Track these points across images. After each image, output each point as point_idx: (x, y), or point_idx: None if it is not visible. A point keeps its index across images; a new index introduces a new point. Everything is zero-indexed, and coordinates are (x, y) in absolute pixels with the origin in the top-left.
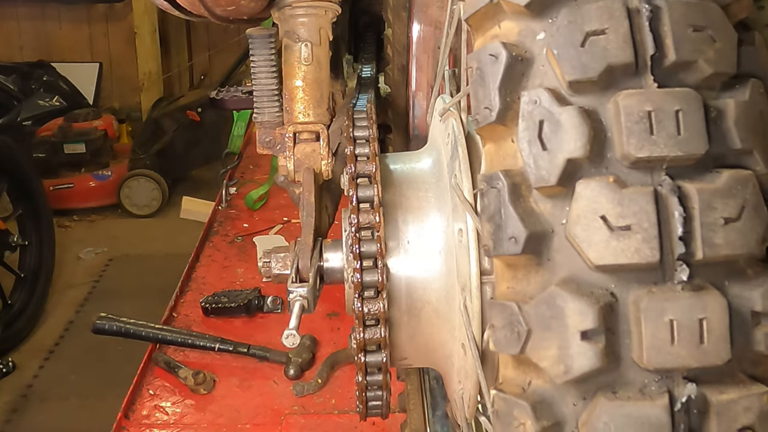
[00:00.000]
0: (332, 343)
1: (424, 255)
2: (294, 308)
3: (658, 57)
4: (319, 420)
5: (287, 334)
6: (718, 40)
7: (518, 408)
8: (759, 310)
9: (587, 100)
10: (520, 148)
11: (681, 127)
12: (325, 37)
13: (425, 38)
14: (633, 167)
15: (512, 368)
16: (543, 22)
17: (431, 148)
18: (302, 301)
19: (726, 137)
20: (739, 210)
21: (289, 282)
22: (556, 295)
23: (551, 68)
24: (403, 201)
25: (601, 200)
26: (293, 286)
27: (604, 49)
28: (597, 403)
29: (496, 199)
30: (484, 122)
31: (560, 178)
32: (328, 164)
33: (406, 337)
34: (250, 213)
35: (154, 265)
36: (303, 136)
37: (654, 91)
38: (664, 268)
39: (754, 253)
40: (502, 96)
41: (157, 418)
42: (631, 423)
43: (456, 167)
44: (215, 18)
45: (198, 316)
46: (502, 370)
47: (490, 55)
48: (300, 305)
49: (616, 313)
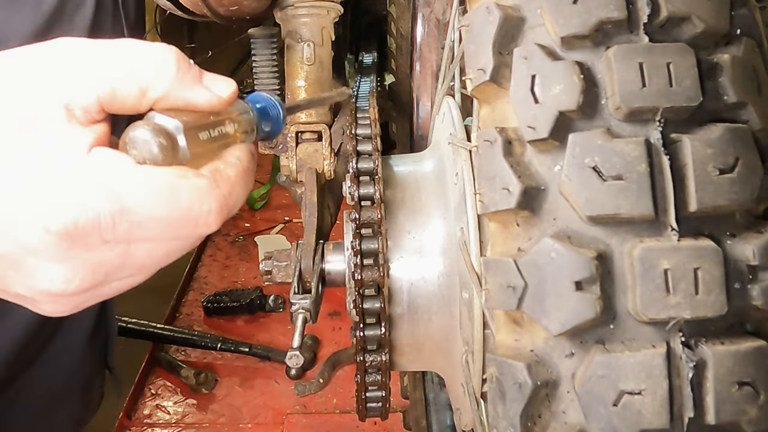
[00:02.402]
0: (334, 342)
1: (425, 255)
2: (297, 322)
3: (651, 13)
4: (321, 419)
5: (290, 355)
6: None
7: (513, 369)
8: (755, 264)
9: (579, 54)
10: (512, 102)
11: (673, 80)
12: (327, 37)
13: (429, 37)
14: (625, 120)
15: (506, 331)
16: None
17: (434, 149)
18: (305, 314)
19: (720, 91)
20: (733, 162)
21: (291, 293)
22: (550, 247)
23: (544, 25)
24: (405, 200)
25: (592, 151)
26: (296, 297)
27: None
28: (592, 357)
29: (490, 154)
30: (478, 82)
31: (552, 131)
32: (331, 164)
33: (407, 338)
34: (251, 212)
35: None
36: (305, 136)
37: (645, 45)
38: (658, 219)
39: (750, 207)
40: (496, 55)
41: (158, 417)
42: (627, 375)
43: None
44: (218, 18)
45: (200, 315)
46: (495, 335)
47: (484, 13)
48: (303, 318)
49: (610, 264)
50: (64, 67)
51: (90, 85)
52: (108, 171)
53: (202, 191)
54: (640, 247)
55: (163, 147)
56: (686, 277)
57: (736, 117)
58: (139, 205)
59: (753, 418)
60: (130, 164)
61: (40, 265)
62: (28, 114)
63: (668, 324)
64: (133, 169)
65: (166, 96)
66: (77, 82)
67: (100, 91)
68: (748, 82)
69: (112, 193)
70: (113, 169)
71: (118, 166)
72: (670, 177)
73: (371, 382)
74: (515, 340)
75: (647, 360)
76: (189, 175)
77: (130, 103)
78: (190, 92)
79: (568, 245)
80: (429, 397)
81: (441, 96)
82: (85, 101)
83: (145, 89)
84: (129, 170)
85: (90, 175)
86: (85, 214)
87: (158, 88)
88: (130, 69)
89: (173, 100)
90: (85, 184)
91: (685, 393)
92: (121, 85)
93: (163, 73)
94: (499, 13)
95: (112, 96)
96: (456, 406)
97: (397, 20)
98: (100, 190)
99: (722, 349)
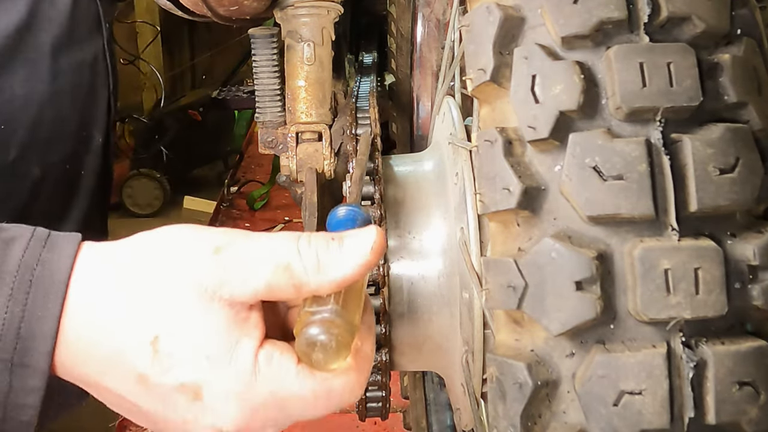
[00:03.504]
0: None
1: (425, 255)
2: None
3: (651, 13)
4: (321, 419)
5: None
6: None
7: (513, 369)
8: (756, 264)
9: (580, 54)
10: (512, 102)
11: (673, 80)
12: (327, 37)
13: (429, 37)
14: (626, 120)
15: (506, 331)
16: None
17: (434, 149)
18: None
19: (720, 91)
20: (734, 162)
21: None
22: (550, 246)
23: (544, 25)
24: (406, 200)
25: (593, 151)
26: None
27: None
28: (593, 357)
29: (490, 154)
30: (478, 82)
31: (553, 131)
32: (331, 164)
33: (407, 337)
34: (251, 212)
35: None
36: (305, 136)
37: (646, 45)
38: (658, 219)
39: (750, 207)
40: (496, 55)
41: None
42: (627, 375)
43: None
44: (218, 18)
45: None
46: (496, 335)
47: (484, 13)
48: None
49: (610, 264)
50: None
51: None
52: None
53: (353, 385)
54: (641, 247)
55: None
56: (686, 277)
57: (736, 117)
58: (298, 409)
59: (753, 418)
60: (293, 370)
61: None
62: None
63: (669, 324)
64: (295, 376)
65: (319, 287)
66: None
67: (258, 287)
68: (748, 82)
69: (277, 399)
70: (280, 375)
71: (284, 371)
72: (671, 177)
73: (371, 382)
74: (515, 340)
75: (647, 360)
76: (340, 371)
77: (287, 295)
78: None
79: (569, 245)
80: (429, 397)
81: (441, 96)
82: (245, 298)
83: (299, 285)
84: (292, 377)
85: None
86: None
87: (310, 284)
88: (283, 266)
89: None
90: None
91: (685, 393)
92: (276, 281)
93: (309, 270)
94: (500, 13)
95: (269, 291)
96: (456, 406)
97: (397, 20)
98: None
99: (723, 349)
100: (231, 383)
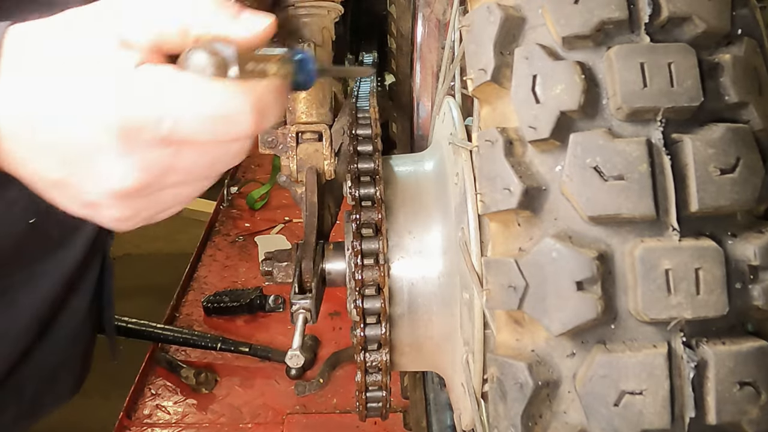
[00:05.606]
0: (334, 342)
1: (425, 255)
2: (297, 322)
3: (652, 13)
4: (321, 419)
5: (291, 355)
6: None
7: (514, 369)
8: (756, 264)
9: (581, 55)
10: (513, 102)
11: (674, 80)
12: (327, 37)
13: (429, 37)
14: (627, 120)
15: (507, 331)
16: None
17: (434, 149)
18: (305, 313)
19: (721, 91)
20: (735, 162)
21: (291, 293)
22: (551, 247)
23: (545, 25)
24: (406, 201)
25: (594, 151)
26: (296, 297)
27: (598, 4)
28: (593, 357)
29: (491, 154)
30: (479, 82)
31: (553, 131)
32: (331, 164)
33: (407, 337)
34: (251, 212)
35: (156, 265)
36: (306, 135)
37: (647, 45)
38: (659, 219)
39: (751, 207)
40: (497, 55)
41: (159, 417)
42: (628, 375)
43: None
44: None
45: (200, 315)
46: (496, 335)
47: (485, 13)
48: (303, 318)
49: (611, 264)
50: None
51: (141, 31)
52: (156, 76)
53: (236, 90)
54: (642, 247)
55: (216, 68)
56: (687, 277)
57: (737, 117)
58: (180, 101)
59: (754, 418)
60: (175, 71)
61: (102, 161)
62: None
63: (669, 324)
64: (178, 74)
65: (206, 34)
66: (131, 29)
67: (150, 36)
68: (749, 82)
69: (158, 93)
70: (160, 75)
71: (165, 72)
72: (672, 177)
73: (371, 382)
74: (516, 340)
75: (648, 360)
76: (225, 81)
77: (175, 43)
78: (229, 28)
79: (570, 245)
80: (429, 397)
81: (441, 96)
82: (139, 45)
83: (186, 29)
84: (174, 75)
85: (141, 80)
86: (137, 112)
87: (198, 27)
88: (170, 11)
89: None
90: (137, 87)
91: (686, 393)
92: (165, 28)
93: (200, 13)
94: (500, 13)
95: (160, 39)
96: (456, 406)
97: (397, 20)
98: (149, 91)
99: (723, 349)
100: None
